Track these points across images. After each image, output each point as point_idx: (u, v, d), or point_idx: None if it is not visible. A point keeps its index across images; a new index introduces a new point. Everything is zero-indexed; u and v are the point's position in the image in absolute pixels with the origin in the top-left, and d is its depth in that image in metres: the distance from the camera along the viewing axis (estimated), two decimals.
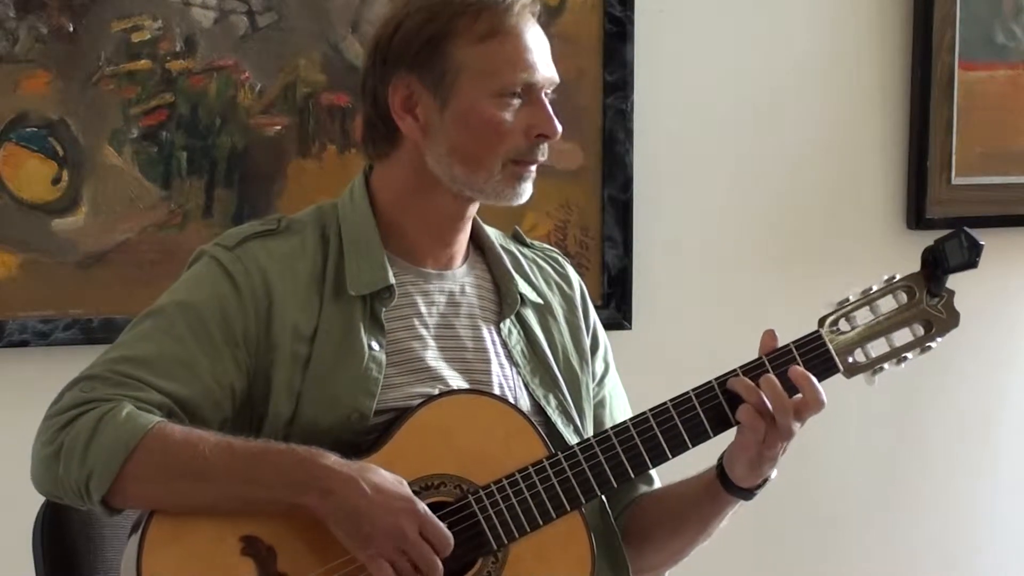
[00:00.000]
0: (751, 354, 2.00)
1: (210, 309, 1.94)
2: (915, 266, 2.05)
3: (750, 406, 1.94)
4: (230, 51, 2.88)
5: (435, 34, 1.96)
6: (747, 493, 2.02)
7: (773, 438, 1.94)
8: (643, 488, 2.14)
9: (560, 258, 2.20)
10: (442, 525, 1.86)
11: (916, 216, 3.31)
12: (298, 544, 1.86)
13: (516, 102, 1.96)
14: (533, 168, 1.99)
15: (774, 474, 2.02)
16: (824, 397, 1.95)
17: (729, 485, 2.01)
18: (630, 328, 3.11)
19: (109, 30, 2.81)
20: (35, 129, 2.78)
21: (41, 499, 2.07)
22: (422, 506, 1.85)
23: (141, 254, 2.84)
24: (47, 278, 2.80)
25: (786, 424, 1.93)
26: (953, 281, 2.02)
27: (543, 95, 1.98)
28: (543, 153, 1.99)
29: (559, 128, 1.99)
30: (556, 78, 2.01)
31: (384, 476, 1.86)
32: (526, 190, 2.00)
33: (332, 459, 1.86)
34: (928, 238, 3.38)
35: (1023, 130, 3.39)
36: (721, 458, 2.02)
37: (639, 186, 3.12)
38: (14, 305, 2.78)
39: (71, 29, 2.78)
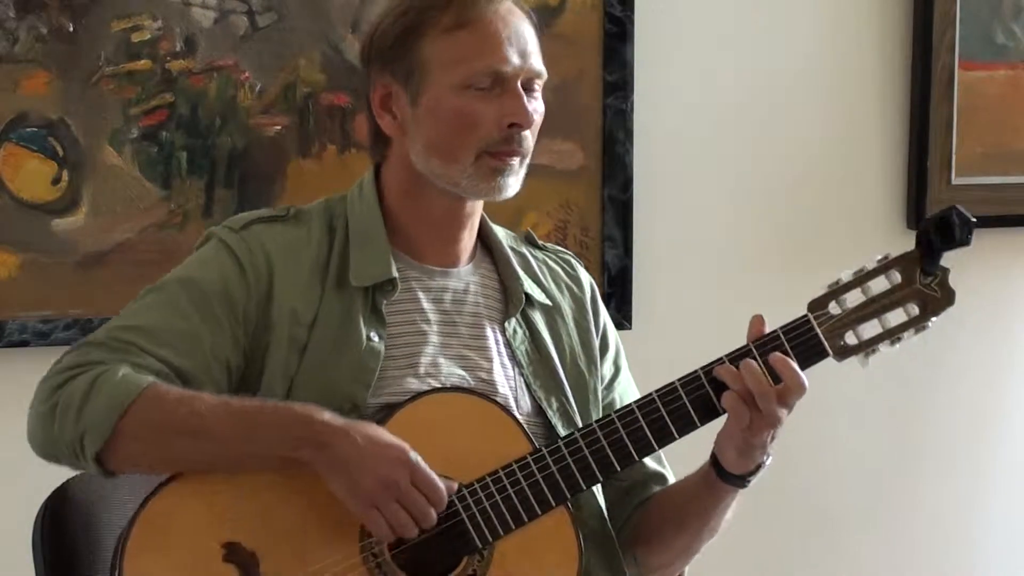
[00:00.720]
0: None
1: (213, 285, 1.95)
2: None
3: (733, 393, 1.92)
4: (230, 51, 2.88)
5: (406, 29, 1.97)
6: (740, 480, 2.01)
7: (758, 425, 1.93)
8: (655, 488, 2.14)
9: (572, 260, 2.20)
10: (434, 476, 1.85)
11: (916, 216, 3.31)
12: (280, 549, 1.86)
13: (487, 92, 1.95)
14: (513, 161, 1.97)
15: (768, 461, 2.00)
16: (805, 381, 1.93)
17: (722, 473, 2.00)
18: (630, 328, 3.11)
19: (109, 30, 2.81)
20: (35, 129, 2.78)
21: (41, 499, 2.08)
22: (414, 455, 1.85)
23: (141, 254, 2.84)
24: (47, 278, 2.80)
25: (770, 410, 1.91)
26: (950, 276, 2.01)
27: (518, 85, 1.96)
28: (520, 143, 1.97)
29: (532, 116, 1.96)
30: (536, 68, 1.98)
31: (380, 431, 1.86)
32: (507, 185, 1.98)
33: (327, 415, 1.86)
34: None
35: (1023, 130, 3.39)
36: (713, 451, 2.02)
37: (639, 186, 3.12)
38: (14, 305, 2.78)
39: (71, 29, 2.78)
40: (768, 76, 3.24)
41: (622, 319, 3.09)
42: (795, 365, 1.93)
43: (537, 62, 1.99)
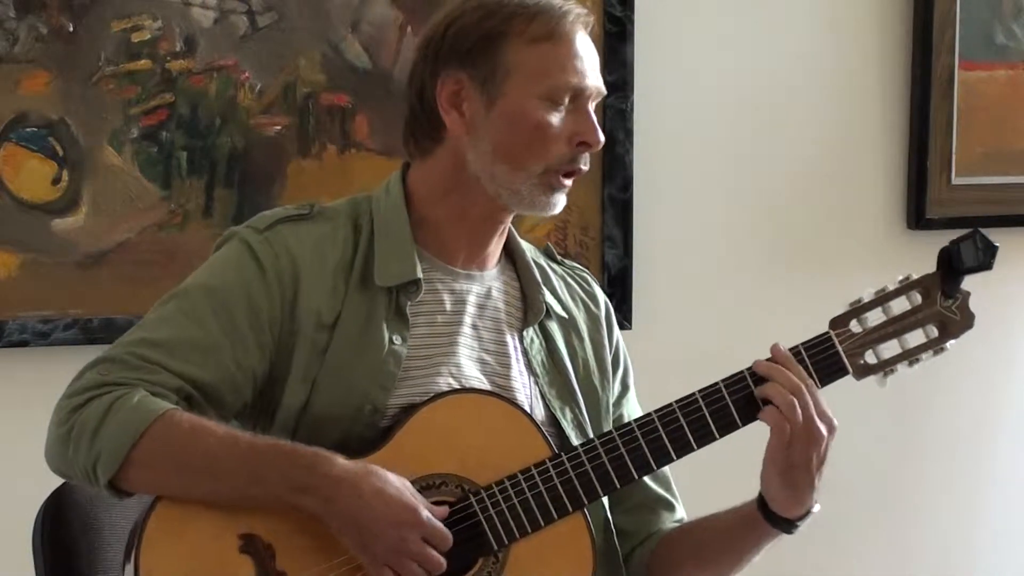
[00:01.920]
0: (751, 353, 2.00)
1: (235, 293, 1.94)
2: (915, 266, 2.04)
3: (773, 408, 1.93)
4: (230, 51, 2.88)
5: (489, 32, 1.96)
6: (789, 524, 2.00)
7: (799, 439, 1.92)
8: (663, 513, 2.13)
9: (589, 277, 2.19)
10: (445, 529, 1.86)
11: (916, 216, 3.31)
12: (297, 542, 1.86)
13: (563, 108, 1.95)
14: (570, 181, 1.99)
15: (817, 508, 2.00)
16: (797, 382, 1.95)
17: (769, 514, 1.99)
18: (630, 328, 3.11)
19: (109, 30, 2.81)
20: (35, 129, 2.78)
21: (41, 499, 2.08)
22: (423, 514, 1.85)
23: (141, 254, 2.84)
24: (47, 278, 2.79)
25: (808, 414, 1.92)
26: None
27: (589, 104, 1.97)
28: (584, 163, 1.99)
29: (602, 138, 1.98)
30: (603, 89, 2.00)
31: (387, 480, 1.85)
32: (559, 201, 2.00)
33: (335, 465, 1.85)
34: (928, 238, 3.38)
35: (1023, 130, 3.39)
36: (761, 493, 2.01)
37: (639, 186, 3.12)
38: (14, 305, 2.78)
39: (71, 29, 2.78)
40: (768, 76, 3.24)
41: (622, 319, 3.09)
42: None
43: (602, 84, 2.00)
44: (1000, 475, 3.51)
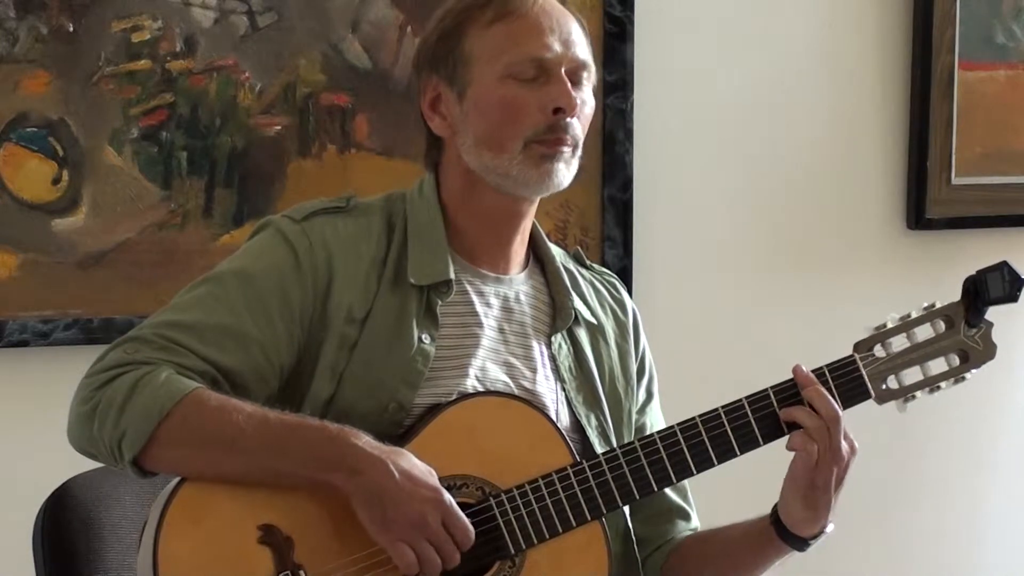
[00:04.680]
0: (751, 354, 2.00)
1: (268, 281, 1.94)
2: (915, 265, 2.05)
3: (800, 433, 1.93)
4: (230, 51, 2.88)
5: (448, 30, 1.97)
6: (801, 543, 2.00)
7: (824, 460, 1.93)
8: (679, 523, 2.13)
9: (617, 283, 2.19)
10: (465, 519, 1.85)
11: (916, 216, 3.31)
12: (317, 536, 1.86)
13: (531, 82, 1.94)
14: (564, 149, 1.95)
15: (831, 528, 2.00)
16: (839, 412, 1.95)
17: (784, 532, 1.99)
18: None
19: (109, 30, 2.81)
20: (35, 129, 2.78)
21: (41, 499, 2.08)
22: (448, 497, 1.85)
23: (141, 254, 2.84)
24: (47, 278, 2.79)
25: (837, 441, 1.93)
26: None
27: (562, 72, 1.95)
28: (567, 130, 1.95)
29: (576, 101, 1.95)
30: (581, 57, 1.98)
31: (414, 463, 1.85)
32: (556, 171, 1.96)
33: (364, 440, 1.85)
34: (928, 238, 3.39)
35: (1023, 130, 3.39)
36: (776, 507, 2.01)
37: (639, 186, 3.12)
38: (14, 305, 2.78)
39: (71, 29, 2.78)
40: (768, 76, 3.24)
41: None
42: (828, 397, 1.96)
43: (582, 52, 1.98)
44: (1000, 475, 3.51)
